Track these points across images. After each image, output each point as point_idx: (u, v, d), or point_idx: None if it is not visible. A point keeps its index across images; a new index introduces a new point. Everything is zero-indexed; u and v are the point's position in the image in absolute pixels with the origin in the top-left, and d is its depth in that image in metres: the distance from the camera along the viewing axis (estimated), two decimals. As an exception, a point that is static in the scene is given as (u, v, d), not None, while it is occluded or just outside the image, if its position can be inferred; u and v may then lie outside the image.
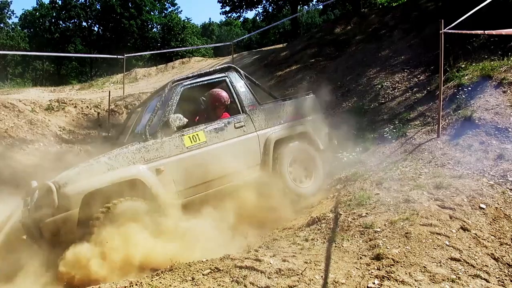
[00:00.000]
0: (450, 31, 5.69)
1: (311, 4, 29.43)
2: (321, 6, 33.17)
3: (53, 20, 45.69)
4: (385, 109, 7.37)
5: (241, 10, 31.85)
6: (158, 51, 34.37)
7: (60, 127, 10.23)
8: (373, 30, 11.99)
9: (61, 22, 46.03)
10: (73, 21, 46.11)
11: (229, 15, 32.65)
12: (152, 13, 47.05)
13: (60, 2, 45.35)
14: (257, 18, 39.91)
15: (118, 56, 15.41)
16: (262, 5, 32.08)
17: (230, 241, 4.45)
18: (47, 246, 3.94)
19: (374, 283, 3.04)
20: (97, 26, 47.24)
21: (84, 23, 46.60)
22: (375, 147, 6.25)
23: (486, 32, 5.74)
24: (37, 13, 45.60)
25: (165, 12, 49.28)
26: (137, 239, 4.14)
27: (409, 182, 4.74)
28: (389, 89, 7.92)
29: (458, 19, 5.71)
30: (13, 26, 45.96)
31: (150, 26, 47.69)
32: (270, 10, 32.93)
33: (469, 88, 6.30)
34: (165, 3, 48.72)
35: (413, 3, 12.49)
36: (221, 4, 31.07)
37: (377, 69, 9.00)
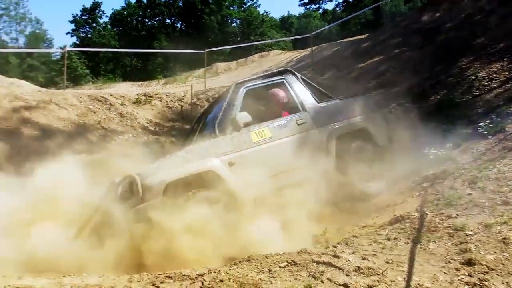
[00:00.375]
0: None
1: (395, -8, 27.97)
2: (406, -6, 31.38)
3: (139, 18, 48.80)
4: (480, 102, 6.73)
5: (320, 1, 31.38)
6: (238, 45, 35.01)
7: (147, 120, 10.85)
8: (466, 17, 11.03)
9: (147, 20, 49.08)
10: (157, 18, 48.92)
11: (308, 7, 32.26)
12: (231, 8, 48.17)
13: (145, 1, 48.23)
14: (337, 8, 38.97)
15: (199, 51, 15.95)
16: (342, -5, 31.23)
17: (303, 236, 4.43)
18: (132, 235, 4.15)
19: (464, 291, 2.78)
20: (180, 22, 49.56)
21: (168, 20, 49.19)
22: (468, 143, 5.72)
23: None
24: (125, 12, 48.95)
25: (244, 6, 50.19)
26: (213, 228, 4.29)
27: (508, 182, 4.26)
28: (485, 80, 7.23)
29: None
30: (104, 25, 49.88)
31: (229, 21, 48.89)
32: (350, 0, 31.91)
33: None
34: (244, -3, 49.59)
35: (514, -16, 11.28)
36: (300, -4, 30.83)
37: (470, 59, 8.27)
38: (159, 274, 2.71)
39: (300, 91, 5.59)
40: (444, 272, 3.04)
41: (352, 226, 4.65)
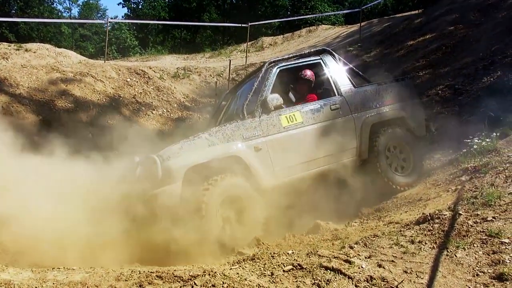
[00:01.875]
0: None
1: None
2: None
3: (193, -11, 48.37)
4: (538, 88, 6.00)
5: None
6: (284, 19, 34.09)
7: (184, 94, 10.76)
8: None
9: (198, -8, 48.58)
10: (208, -10, 48.25)
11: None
12: (282, -20, 46.63)
13: (198, -28, 47.62)
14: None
15: (242, 25, 15.56)
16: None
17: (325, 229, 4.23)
18: (148, 219, 4.05)
19: (491, 311, 2.45)
20: (231, -5, 48.82)
21: (219, -8, 48.49)
22: (517, 133, 5.13)
23: None
24: (177, -17, 48.63)
25: (296, -22, 48.37)
26: (235, 216, 4.17)
27: (558, 183, 3.76)
28: (546, 62, 6.44)
29: None
30: (155, -4, 49.98)
31: (281, -7, 47.49)
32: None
33: None
34: (296, -32, 47.75)
35: None
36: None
37: (532, 37, 7.40)
38: (150, 272, 2.58)
39: (337, 74, 5.26)
40: None
41: (378, 221, 4.33)
